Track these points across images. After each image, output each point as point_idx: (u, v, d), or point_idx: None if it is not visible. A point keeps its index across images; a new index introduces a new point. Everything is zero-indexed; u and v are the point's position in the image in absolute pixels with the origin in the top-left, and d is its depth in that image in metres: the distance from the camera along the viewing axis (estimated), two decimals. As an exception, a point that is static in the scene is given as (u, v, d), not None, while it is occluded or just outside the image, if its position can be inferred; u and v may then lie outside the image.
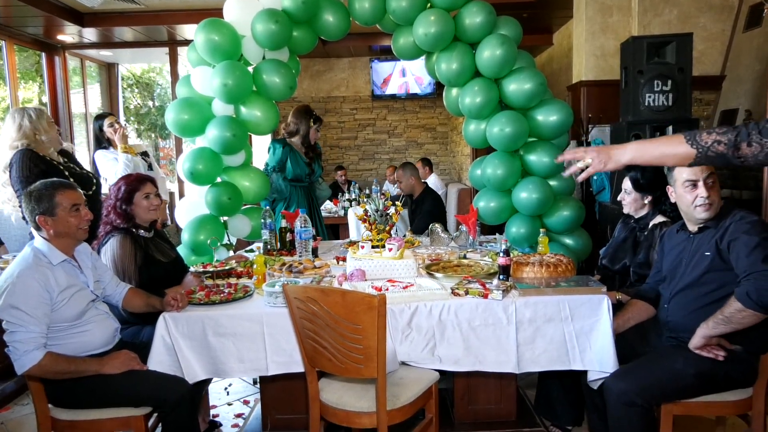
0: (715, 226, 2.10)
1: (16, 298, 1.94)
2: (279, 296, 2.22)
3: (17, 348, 1.93)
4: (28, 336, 1.93)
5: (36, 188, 2.08)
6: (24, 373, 1.94)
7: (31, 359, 1.92)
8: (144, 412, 2.09)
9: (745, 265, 1.93)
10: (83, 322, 2.12)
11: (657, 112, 3.75)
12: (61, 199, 2.07)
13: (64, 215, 2.08)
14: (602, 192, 4.52)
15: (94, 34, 5.78)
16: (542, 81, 3.24)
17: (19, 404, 3.19)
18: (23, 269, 1.99)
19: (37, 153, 3.04)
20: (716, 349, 2.00)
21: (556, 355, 2.26)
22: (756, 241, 1.93)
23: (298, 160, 3.79)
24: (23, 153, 3.00)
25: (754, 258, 1.90)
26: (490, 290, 2.27)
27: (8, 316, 1.94)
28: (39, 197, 2.05)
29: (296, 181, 3.81)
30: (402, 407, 2.05)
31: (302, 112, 3.86)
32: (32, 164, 2.97)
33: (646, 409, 2.01)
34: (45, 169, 3.00)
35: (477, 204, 3.45)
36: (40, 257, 2.05)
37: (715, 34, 4.70)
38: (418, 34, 3.23)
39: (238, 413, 2.99)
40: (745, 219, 2.01)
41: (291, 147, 3.79)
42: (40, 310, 1.97)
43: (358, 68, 8.28)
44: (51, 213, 2.06)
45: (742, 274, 1.93)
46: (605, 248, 2.94)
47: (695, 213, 2.11)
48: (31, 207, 2.06)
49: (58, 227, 2.08)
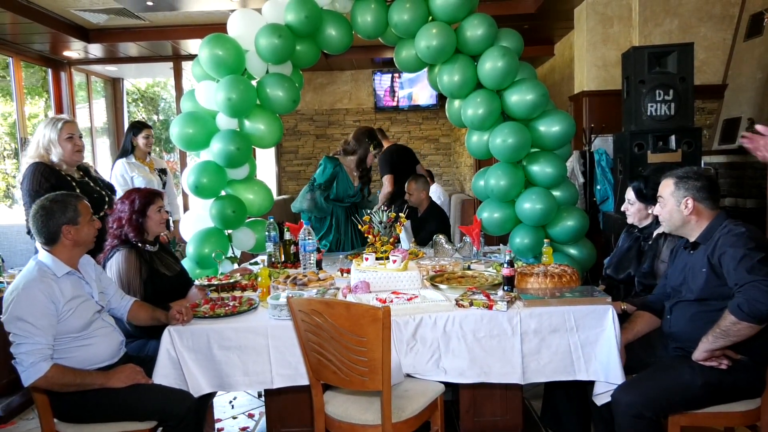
0: (704, 241, 2.11)
1: (21, 310, 1.95)
2: (284, 309, 2.23)
3: (23, 360, 1.93)
4: (34, 348, 1.94)
5: (57, 197, 2.09)
6: (30, 385, 1.95)
7: (37, 371, 1.93)
8: (149, 426, 2.09)
9: (734, 278, 1.93)
10: (89, 333, 2.12)
11: (659, 121, 3.76)
12: (83, 208, 2.12)
13: (85, 224, 2.12)
14: (606, 202, 4.52)
15: (99, 50, 5.86)
16: (544, 92, 3.25)
17: (24, 419, 3.19)
18: (28, 281, 2.01)
19: (50, 167, 2.97)
20: (720, 358, 1.99)
21: (561, 366, 2.25)
22: (741, 253, 1.93)
23: (348, 181, 3.81)
24: (35, 166, 2.95)
25: (741, 270, 1.91)
26: (495, 301, 2.26)
27: (14, 329, 1.95)
28: (64, 206, 2.07)
29: (338, 201, 3.82)
30: (407, 420, 2.05)
31: (364, 134, 3.88)
32: (43, 178, 2.92)
33: (654, 421, 2.00)
34: (55, 183, 2.93)
35: (480, 215, 3.45)
36: (45, 270, 2.06)
37: (716, 44, 4.71)
38: (419, 46, 3.25)
39: (243, 427, 2.98)
40: (732, 232, 2.02)
41: (342, 167, 3.82)
42: (45, 321, 1.98)
43: (360, 81, 8.33)
44: (75, 222, 2.08)
45: (734, 288, 1.93)
46: (609, 258, 2.94)
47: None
48: (54, 217, 2.05)
49: (80, 236, 2.11)
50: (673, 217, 2.17)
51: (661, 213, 2.22)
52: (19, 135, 5.40)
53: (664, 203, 2.18)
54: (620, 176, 3.98)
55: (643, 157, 3.77)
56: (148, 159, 4.28)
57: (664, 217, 2.21)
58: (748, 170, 4.19)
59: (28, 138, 5.51)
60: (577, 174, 4.69)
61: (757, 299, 1.83)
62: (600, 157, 4.54)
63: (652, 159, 3.75)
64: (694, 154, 3.73)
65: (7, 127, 6.50)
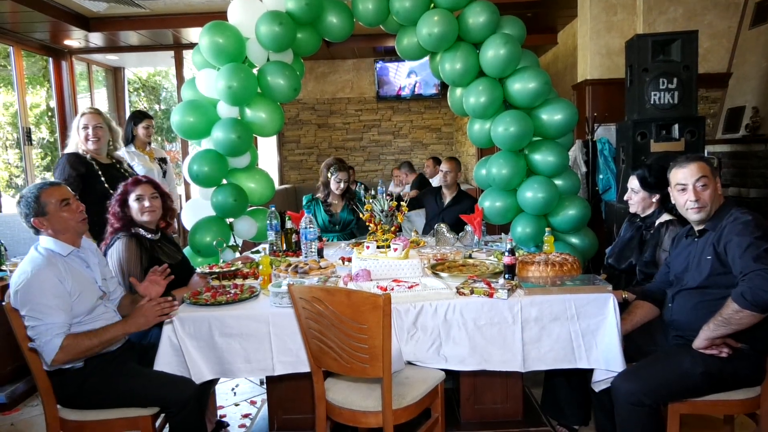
0: (713, 228, 2.10)
1: (33, 292, 1.97)
2: (285, 297, 2.23)
3: (40, 340, 1.95)
4: (48, 327, 1.95)
5: (23, 194, 2.10)
6: (51, 362, 1.96)
7: (53, 347, 1.95)
8: (151, 413, 2.10)
9: (739, 266, 1.92)
10: (92, 319, 2.13)
11: (663, 110, 3.73)
12: (46, 197, 2.08)
13: (55, 212, 2.09)
14: (608, 191, 4.50)
15: (100, 39, 5.83)
16: (546, 80, 3.23)
17: (29, 405, 3.22)
18: (36, 265, 2.02)
19: (78, 155, 3.15)
20: (721, 346, 1.99)
21: (562, 354, 2.25)
22: (748, 241, 1.92)
23: (321, 213, 3.85)
24: (67, 156, 3.14)
25: (747, 258, 1.90)
26: (496, 289, 2.27)
27: (28, 311, 1.96)
28: (27, 202, 2.08)
29: (326, 231, 3.83)
30: (408, 406, 2.06)
31: (324, 166, 3.92)
32: (70, 168, 3.08)
33: (654, 408, 2.01)
34: (84, 172, 3.11)
35: (482, 204, 3.45)
36: (51, 253, 2.08)
37: (721, 32, 4.67)
38: (421, 34, 3.23)
39: (245, 413, 3.00)
40: (739, 220, 2.01)
41: (315, 202, 3.88)
42: (59, 300, 1.99)
43: (362, 69, 8.30)
44: (42, 213, 2.08)
45: (738, 276, 1.92)
46: (611, 247, 2.93)
47: (688, 215, 2.16)
48: (24, 213, 2.08)
49: (54, 225, 2.10)
50: (714, 200, 2.10)
51: (703, 196, 2.08)
52: (21, 125, 5.40)
53: (709, 182, 2.08)
54: (623, 165, 3.96)
55: (646, 146, 3.75)
56: (148, 148, 4.28)
57: (710, 198, 2.08)
58: (751, 160, 4.17)
59: (31, 128, 5.53)
60: (580, 163, 4.67)
61: (762, 288, 1.82)
62: (603, 147, 4.51)
63: (655, 148, 3.73)
64: (698, 143, 3.70)
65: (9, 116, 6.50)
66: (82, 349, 2.01)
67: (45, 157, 7.12)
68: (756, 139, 4.11)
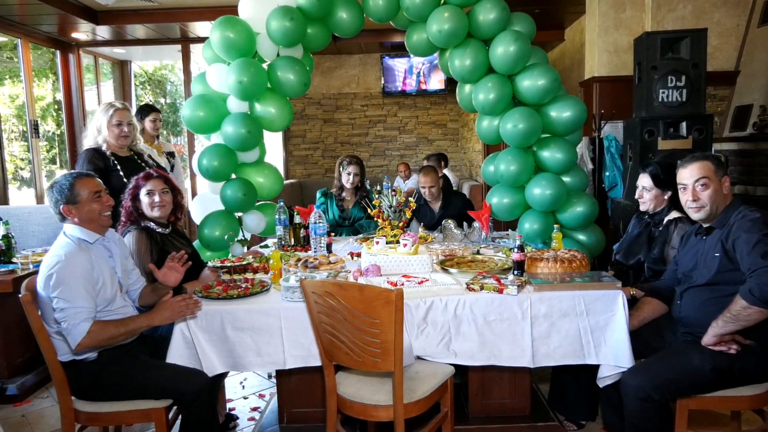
0: (720, 226, 2.12)
1: (65, 275, 2.00)
2: (296, 291, 2.25)
3: (68, 323, 1.98)
4: (77, 310, 1.99)
5: (57, 181, 2.15)
6: (77, 347, 2.00)
7: (80, 331, 1.98)
8: (164, 405, 2.12)
9: (748, 263, 1.94)
10: (112, 310, 2.17)
11: (671, 107, 3.73)
12: (80, 187, 2.13)
13: (87, 202, 2.14)
14: (614, 188, 4.51)
15: (107, 32, 5.84)
16: (556, 77, 3.24)
17: (39, 397, 3.25)
18: (69, 251, 2.06)
19: (99, 151, 3.17)
20: (729, 343, 2.01)
21: (571, 350, 2.27)
22: (756, 237, 1.94)
23: (332, 207, 3.88)
24: (86, 153, 3.16)
25: (756, 255, 1.92)
26: (506, 285, 2.28)
27: (59, 293, 1.99)
28: (61, 188, 2.12)
29: (337, 226, 3.86)
30: (418, 401, 2.08)
31: (337, 161, 3.96)
32: (90, 164, 3.10)
33: (662, 404, 2.03)
34: (103, 167, 3.12)
35: (490, 200, 3.46)
36: (80, 240, 2.12)
37: (730, 30, 4.66)
38: (431, 30, 3.23)
39: (254, 407, 3.02)
40: (747, 217, 2.03)
41: (329, 197, 3.92)
42: (88, 285, 2.04)
43: (369, 65, 8.29)
44: (73, 201, 2.12)
45: (746, 272, 1.94)
46: (619, 244, 2.94)
47: (689, 213, 2.22)
48: (54, 199, 2.13)
49: (82, 214, 2.14)
50: (718, 198, 2.12)
51: (703, 196, 2.12)
52: (28, 117, 5.42)
53: (710, 182, 2.10)
54: (630, 163, 3.96)
55: (654, 143, 3.75)
56: (156, 142, 4.29)
57: (710, 198, 2.11)
58: (758, 158, 4.17)
59: (38, 120, 5.54)
60: (586, 160, 4.67)
61: None
62: (609, 144, 4.52)
63: (663, 146, 3.73)
64: (705, 141, 3.70)
65: (15, 109, 6.52)
66: (108, 336, 2.04)
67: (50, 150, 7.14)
68: (763, 138, 4.11)
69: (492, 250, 3.05)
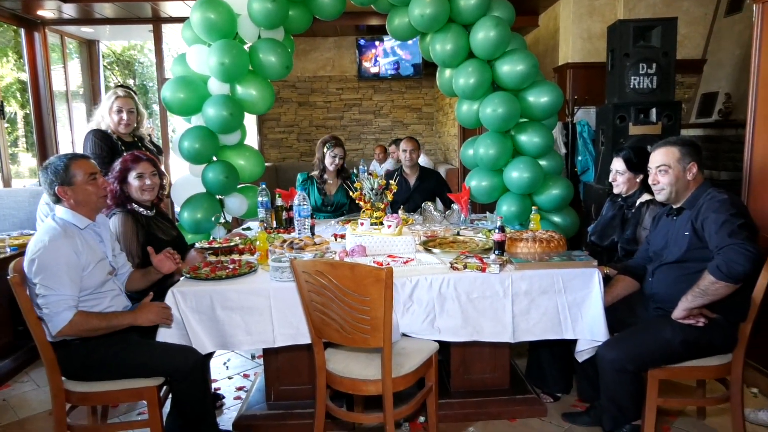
0: (690, 207, 2.25)
1: (47, 262, 1.99)
2: (285, 271, 2.29)
3: (50, 309, 1.98)
4: (59, 298, 1.99)
5: (52, 162, 2.13)
6: (57, 333, 2.00)
7: (62, 319, 1.98)
8: (157, 383, 2.15)
9: (715, 241, 2.07)
10: (102, 294, 2.17)
11: (642, 94, 3.86)
12: (76, 168, 2.12)
13: (82, 184, 2.13)
14: (586, 172, 4.65)
15: (74, 10, 5.65)
16: (535, 63, 3.32)
17: (19, 381, 3.22)
18: (53, 235, 2.04)
19: (103, 132, 3.21)
20: (698, 317, 2.14)
21: (549, 326, 2.37)
22: (724, 217, 2.07)
23: (313, 192, 3.85)
24: (92, 133, 3.20)
25: (723, 233, 2.05)
26: (488, 264, 2.37)
27: (41, 280, 1.99)
28: (55, 169, 2.11)
29: (317, 211, 3.84)
30: (405, 375, 2.15)
31: (320, 142, 3.90)
32: (100, 142, 3.16)
33: (636, 374, 2.16)
34: (109, 147, 3.18)
35: (469, 183, 3.54)
36: (67, 224, 2.11)
37: (698, 18, 4.82)
38: (413, 14, 3.27)
39: (239, 386, 3.06)
40: (715, 198, 2.17)
41: (311, 181, 3.88)
42: (72, 273, 2.03)
43: (344, 47, 8.25)
44: (69, 183, 2.11)
45: (714, 250, 2.07)
46: (593, 225, 3.06)
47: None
48: (49, 180, 2.11)
49: (78, 196, 2.13)
50: (678, 183, 2.26)
51: (662, 180, 2.28)
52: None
53: (669, 170, 2.26)
54: (602, 147, 4.09)
55: (625, 129, 3.88)
56: None
57: (669, 183, 2.27)
58: (723, 144, 4.35)
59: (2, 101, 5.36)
60: (560, 144, 4.80)
61: (735, 261, 1.97)
62: (582, 129, 4.64)
63: (634, 131, 3.87)
64: (674, 127, 3.85)
65: (-22, 87, 6.28)
66: (89, 327, 2.05)
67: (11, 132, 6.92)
68: (728, 124, 4.29)
69: (471, 231, 3.14)
